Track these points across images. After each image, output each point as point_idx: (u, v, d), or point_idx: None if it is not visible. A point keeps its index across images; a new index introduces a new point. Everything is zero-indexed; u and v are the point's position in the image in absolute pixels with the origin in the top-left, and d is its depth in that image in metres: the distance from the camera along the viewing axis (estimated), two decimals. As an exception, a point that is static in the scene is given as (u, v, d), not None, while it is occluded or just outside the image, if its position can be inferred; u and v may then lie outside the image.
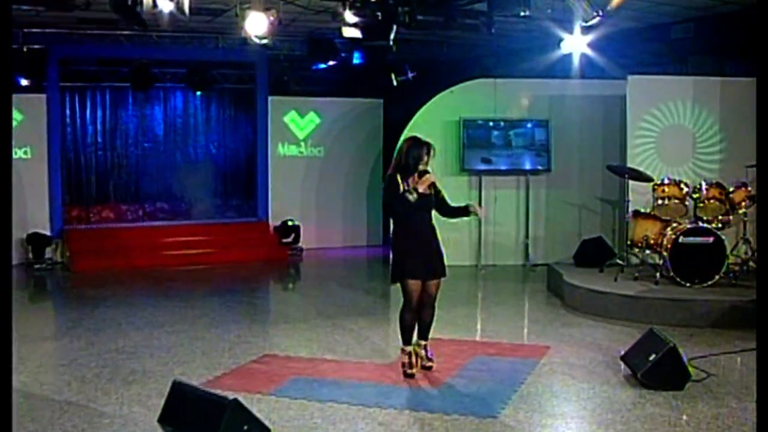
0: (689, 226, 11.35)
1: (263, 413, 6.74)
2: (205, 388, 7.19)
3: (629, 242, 12.40)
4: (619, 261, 12.68)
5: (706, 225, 11.42)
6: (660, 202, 11.97)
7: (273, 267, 16.82)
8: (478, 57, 18.52)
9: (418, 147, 8.10)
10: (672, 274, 11.26)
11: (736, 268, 11.64)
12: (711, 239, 11.18)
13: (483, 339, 10.01)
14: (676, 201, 11.89)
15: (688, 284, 11.17)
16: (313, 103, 19.15)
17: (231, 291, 13.69)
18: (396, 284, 8.25)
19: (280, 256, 17.59)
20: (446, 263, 8.29)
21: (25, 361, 8.77)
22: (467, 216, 8.69)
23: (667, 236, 11.53)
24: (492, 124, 15.65)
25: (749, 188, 11.86)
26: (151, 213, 19.82)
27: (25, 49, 15.78)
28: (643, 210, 12.35)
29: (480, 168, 15.63)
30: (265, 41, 12.42)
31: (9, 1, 5.38)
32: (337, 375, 8.34)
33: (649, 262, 12.39)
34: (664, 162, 13.54)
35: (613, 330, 10.27)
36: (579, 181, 15.88)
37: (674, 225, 11.74)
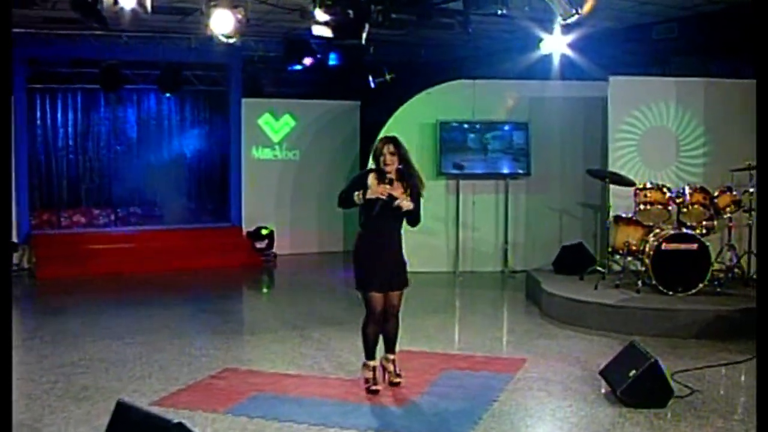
0: (672, 232, 10.94)
1: (215, 435, 6.27)
2: (152, 408, 6.74)
3: (610, 249, 12.00)
4: (599, 268, 12.23)
5: (689, 231, 11.01)
6: (642, 207, 11.52)
7: (245, 274, 16.34)
8: (457, 58, 18.10)
9: (381, 147, 7.63)
10: (654, 282, 10.84)
11: (720, 276, 11.23)
12: (695, 246, 10.77)
13: (456, 351, 9.52)
14: (659, 206, 11.44)
15: (670, 293, 10.76)
16: (288, 105, 18.67)
17: (198, 299, 13.19)
18: (359, 291, 7.79)
19: (252, 262, 17.12)
20: (422, 270, 7.85)
21: (-31, 376, 8.27)
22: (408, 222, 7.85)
23: (650, 243, 11.12)
24: (469, 126, 15.23)
25: (734, 192, 11.46)
26: (123, 217, 19.33)
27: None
28: (624, 215, 11.93)
29: (456, 172, 15.18)
30: (233, 40, 11.91)
31: (9, 2, 5.18)
32: (299, 391, 7.87)
33: (631, 269, 11.97)
34: (647, 165, 13.17)
35: (593, 341, 9.83)
36: (559, 186, 15.47)
37: (657, 231, 11.34)
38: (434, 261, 15.30)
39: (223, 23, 11.19)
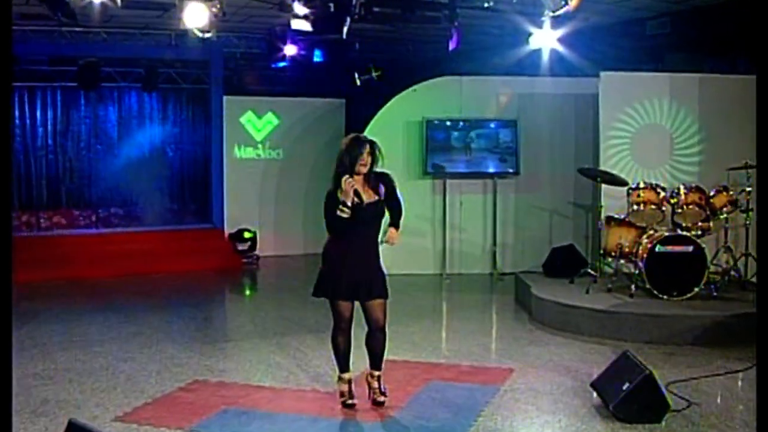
0: (667, 233, 10.50)
1: (175, 457, 5.80)
2: (112, 426, 6.25)
3: (602, 251, 11.54)
4: (591, 271, 11.77)
5: (684, 233, 10.56)
6: (635, 207, 11.06)
7: (225, 277, 15.85)
8: (444, 55, 17.59)
9: (357, 146, 7.00)
10: (648, 285, 10.39)
11: (716, 279, 10.78)
12: (690, 248, 10.32)
13: (440, 360, 9.01)
14: (653, 206, 10.99)
15: (665, 297, 10.31)
16: (271, 103, 18.23)
17: (174, 304, 12.69)
18: (319, 298, 7.23)
19: (233, 265, 16.65)
20: (408, 272, 7.30)
21: None
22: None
23: (643, 245, 10.68)
24: (456, 124, 14.79)
25: (731, 192, 11.02)
26: (104, 218, 18.90)
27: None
28: (617, 216, 11.47)
29: (444, 171, 14.73)
30: (209, 35, 11.45)
31: (9, 2, 5.04)
32: (271, 406, 7.40)
33: (624, 271, 11.53)
34: (640, 164, 12.73)
35: (584, 349, 9.36)
36: (549, 185, 15.03)
37: (650, 232, 10.90)
38: (420, 263, 14.86)
39: (196, 17, 10.74)
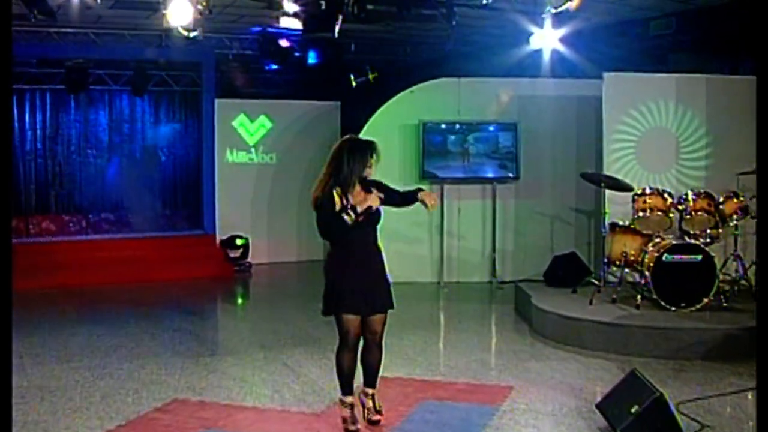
0: (675, 242, 9.99)
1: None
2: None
3: (606, 259, 11.03)
4: (594, 281, 11.26)
5: (693, 241, 10.06)
6: (641, 214, 10.57)
7: (216, 286, 15.32)
8: (442, 56, 17.16)
9: (361, 150, 6.52)
10: (655, 296, 9.89)
11: (726, 289, 10.27)
12: (699, 257, 9.82)
13: (436, 377, 8.48)
14: (659, 213, 10.49)
15: (673, 308, 9.81)
16: (265, 106, 17.73)
17: (160, 315, 12.16)
18: (330, 316, 6.68)
19: (225, 273, 16.14)
20: (404, 281, 6.76)
21: None
22: (412, 204, 6.88)
23: (649, 253, 10.18)
24: (454, 127, 14.29)
25: (741, 198, 10.52)
26: (95, 224, 18.46)
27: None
28: (621, 223, 10.97)
29: (442, 176, 14.24)
30: (195, 34, 10.95)
31: (9, 2, 4.92)
32: (253, 428, 6.90)
33: (629, 280, 11.03)
34: (645, 169, 12.27)
35: (588, 364, 8.85)
36: (551, 191, 14.56)
37: (656, 240, 10.41)
38: (417, 271, 14.39)
39: (180, 15, 10.23)
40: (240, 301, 14.91)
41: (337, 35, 11.01)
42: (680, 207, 10.53)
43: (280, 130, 17.70)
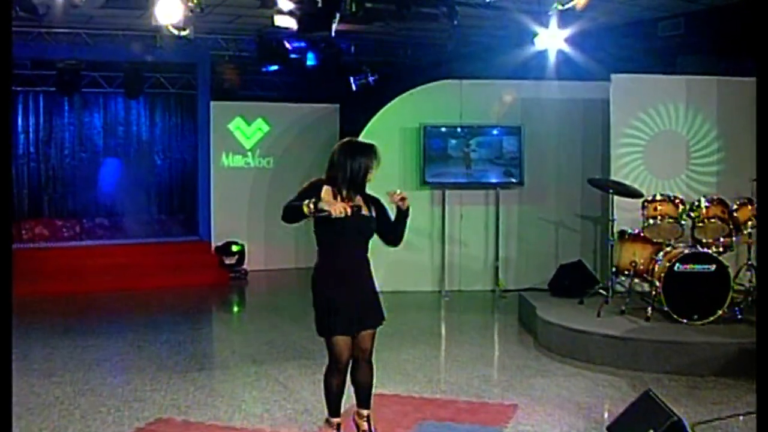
0: (687, 250, 9.54)
1: None
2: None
3: (614, 268, 10.57)
4: (601, 291, 10.80)
5: (706, 250, 9.60)
6: (651, 221, 10.10)
7: (209, 294, 14.87)
8: (444, 58, 16.74)
9: (364, 153, 6.00)
10: (666, 308, 9.43)
11: (740, 300, 9.80)
12: (713, 267, 9.37)
13: (435, 395, 7.98)
14: (671, 220, 10.03)
15: (685, 321, 9.36)
16: (262, 109, 17.34)
17: (149, 325, 11.67)
18: (323, 337, 6.14)
19: (220, 280, 15.69)
20: (404, 289, 6.22)
21: None
22: (402, 220, 6.13)
23: (660, 263, 9.72)
24: (456, 131, 13.86)
25: (756, 205, 10.06)
26: (89, 229, 18.17)
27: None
28: (630, 231, 10.52)
29: (443, 181, 13.79)
30: (186, 33, 10.49)
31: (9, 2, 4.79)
32: (239, 453, 6.46)
33: (637, 290, 10.58)
34: (654, 174, 11.83)
35: (597, 380, 8.39)
36: (555, 196, 14.14)
37: (667, 249, 9.95)
38: (417, 279, 13.96)
39: (170, 13, 9.78)
40: (234, 310, 14.46)
41: (333, 34, 10.58)
42: (692, 214, 10.08)
43: (277, 133, 17.29)
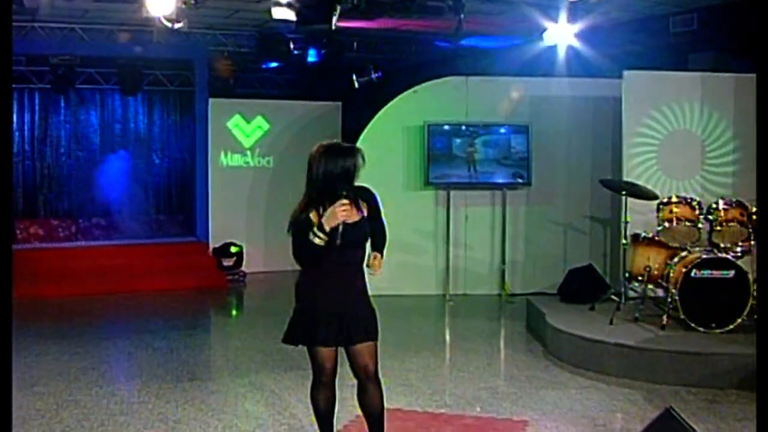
0: (705, 256, 9.05)
1: None
2: None
3: (627, 273, 10.10)
4: (613, 297, 10.32)
5: (724, 255, 9.13)
6: (666, 224, 9.63)
7: (206, 297, 14.35)
8: (449, 55, 16.29)
9: (342, 157, 5.39)
10: (682, 316, 8.95)
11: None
12: (732, 272, 8.90)
13: (441, 409, 7.50)
14: (687, 224, 9.56)
15: (702, 329, 8.89)
16: (262, 107, 16.86)
17: (140, 331, 11.17)
18: (295, 345, 5.60)
19: (217, 283, 15.21)
20: (408, 293, 5.67)
21: None
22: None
23: (676, 268, 9.25)
24: (461, 129, 13.37)
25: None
26: (85, 229, 17.79)
27: None
28: (644, 234, 10.04)
29: (447, 181, 13.33)
30: (180, 26, 10.07)
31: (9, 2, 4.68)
32: (228, 474, 5.99)
33: (650, 295, 10.10)
34: (668, 175, 11.34)
35: (611, 393, 7.91)
36: (564, 197, 13.67)
37: (683, 254, 9.47)
38: (421, 283, 13.51)
39: (161, 4, 9.32)
40: (230, 314, 13.98)
41: (334, 27, 10.13)
42: (710, 217, 9.60)
43: (277, 131, 16.80)
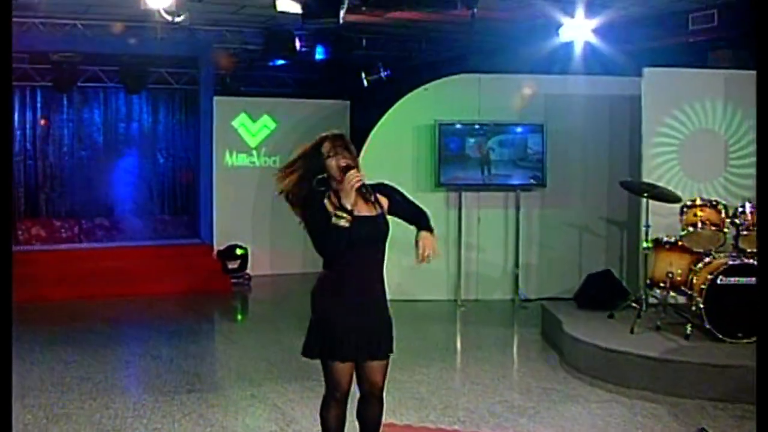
0: (731, 262, 8.60)
1: None
2: None
3: (648, 280, 9.64)
4: (633, 304, 9.87)
5: (752, 261, 8.66)
6: (691, 229, 9.16)
7: (209, 302, 13.88)
8: (461, 53, 15.85)
9: (323, 143, 5.00)
10: (708, 325, 8.50)
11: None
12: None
13: (454, 425, 7.03)
14: (713, 228, 9.09)
15: (728, 339, 8.44)
16: (268, 105, 16.46)
17: (140, 338, 10.77)
18: (314, 359, 5.15)
19: (221, 286, 14.78)
20: (418, 298, 5.22)
21: None
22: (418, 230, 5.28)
23: (701, 275, 8.79)
24: (474, 128, 12.94)
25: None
26: (88, 230, 17.43)
27: None
28: (666, 239, 9.58)
29: (459, 182, 12.90)
30: (181, 19, 9.65)
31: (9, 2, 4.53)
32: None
33: (670, 302, 9.63)
34: (689, 176, 10.92)
35: (634, 408, 7.45)
36: (580, 199, 13.25)
37: (707, 260, 9.01)
38: (432, 287, 13.06)
39: (160, -5, 8.92)
40: (233, 320, 13.49)
41: (342, 21, 9.71)
42: (736, 221, 9.13)
43: (284, 131, 16.34)
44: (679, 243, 9.38)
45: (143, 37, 14.42)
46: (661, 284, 9.43)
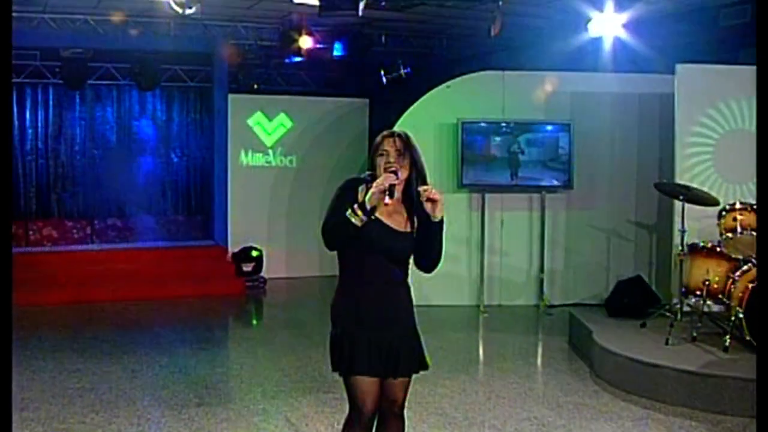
0: (773, 269, 8.09)
1: None
2: None
3: (684, 288, 9.13)
4: (666, 312, 9.37)
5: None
6: (730, 234, 8.67)
7: (223, 306, 13.47)
8: (484, 49, 15.42)
9: (380, 137, 4.71)
10: (748, 337, 7.99)
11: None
12: (804, 289, 7.92)
13: (478, 445, 6.66)
14: (753, 233, 8.59)
15: (770, 352, 7.92)
16: (284, 103, 16.04)
17: (149, 345, 10.28)
18: (334, 372, 4.80)
19: (235, 290, 14.37)
20: (439, 303, 4.78)
21: None
22: (434, 234, 4.68)
23: (741, 283, 8.29)
24: (497, 127, 12.48)
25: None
26: (100, 230, 17.22)
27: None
28: (702, 244, 9.08)
29: (482, 183, 12.45)
30: (191, 11, 9.24)
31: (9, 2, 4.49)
32: None
33: (704, 310, 9.11)
34: (725, 178, 10.39)
35: (672, 427, 6.97)
36: (607, 201, 12.78)
37: (746, 267, 8.50)
38: (454, 292, 12.64)
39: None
40: (247, 327, 13.01)
41: (361, 14, 9.27)
42: (778, 226, 8.63)
43: (301, 129, 16.00)
44: (718, 249, 8.88)
45: (156, 33, 14.12)
46: (697, 292, 8.93)
